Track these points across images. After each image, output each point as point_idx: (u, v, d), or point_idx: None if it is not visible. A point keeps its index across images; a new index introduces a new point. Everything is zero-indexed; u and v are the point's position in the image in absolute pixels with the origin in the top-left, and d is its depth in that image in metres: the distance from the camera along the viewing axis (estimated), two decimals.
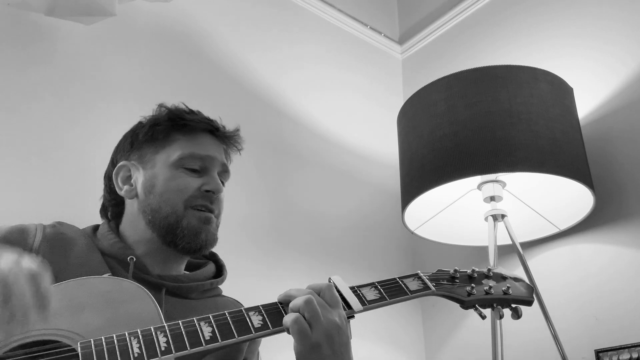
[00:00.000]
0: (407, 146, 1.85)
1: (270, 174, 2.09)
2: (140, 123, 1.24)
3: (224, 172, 1.23)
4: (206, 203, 1.16)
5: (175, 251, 1.15)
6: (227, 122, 1.30)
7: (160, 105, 1.24)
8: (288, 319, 0.94)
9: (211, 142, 1.21)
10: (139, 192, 1.17)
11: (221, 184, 1.19)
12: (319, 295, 0.98)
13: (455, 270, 1.15)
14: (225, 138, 1.24)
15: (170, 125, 1.19)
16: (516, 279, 1.20)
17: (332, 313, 0.96)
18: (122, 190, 1.19)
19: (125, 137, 1.25)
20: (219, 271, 1.26)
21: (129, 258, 1.12)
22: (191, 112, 1.24)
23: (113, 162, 1.24)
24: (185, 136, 1.19)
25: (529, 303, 1.17)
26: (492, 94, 1.70)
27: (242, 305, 1.25)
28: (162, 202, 1.14)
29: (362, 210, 2.31)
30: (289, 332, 0.94)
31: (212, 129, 1.22)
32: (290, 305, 0.96)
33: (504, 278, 1.18)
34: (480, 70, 1.75)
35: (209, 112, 1.28)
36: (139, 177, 1.18)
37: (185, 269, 1.25)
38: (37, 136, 1.64)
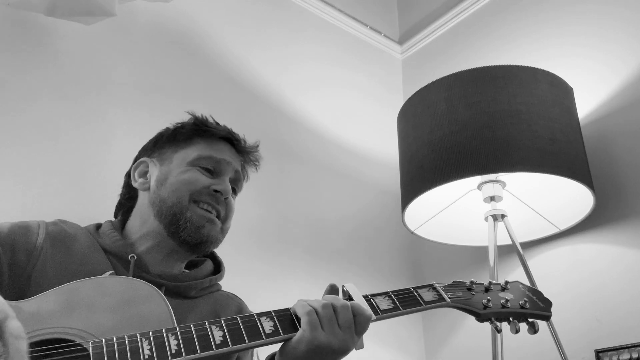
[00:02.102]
0: (407, 146, 1.85)
1: (269, 174, 2.09)
2: (167, 128, 1.29)
3: (237, 180, 1.27)
4: (212, 202, 1.18)
5: (178, 244, 1.16)
6: (227, 122, 1.31)
7: (189, 112, 1.29)
8: (302, 310, 0.95)
9: (229, 150, 1.26)
10: (151, 184, 1.20)
11: (230, 188, 1.21)
12: (334, 310, 0.97)
13: (472, 282, 1.13)
14: (244, 151, 1.28)
15: (194, 130, 1.24)
16: (534, 292, 1.17)
17: (340, 334, 0.96)
18: (137, 182, 1.23)
19: (151, 139, 1.30)
20: (217, 268, 1.28)
21: (129, 256, 1.13)
22: (217, 123, 1.29)
23: (135, 160, 1.28)
24: (206, 141, 1.23)
25: (546, 318, 1.14)
26: (492, 94, 1.70)
27: (240, 300, 1.27)
28: (170, 192, 1.17)
29: (362, 210, 2.31)
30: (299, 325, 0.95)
31: (232, 139, 1.27)
32: (308, 302, 0.97)
33: (521, 291, 1.15)
34: (480, 70, 1.75)
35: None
36: (154, 172, 1.22)
37: (184, 268, 1.25)
38: (37, 135, 1.64)
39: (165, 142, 1.25)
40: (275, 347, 1.00)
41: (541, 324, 1.65)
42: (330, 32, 2.52)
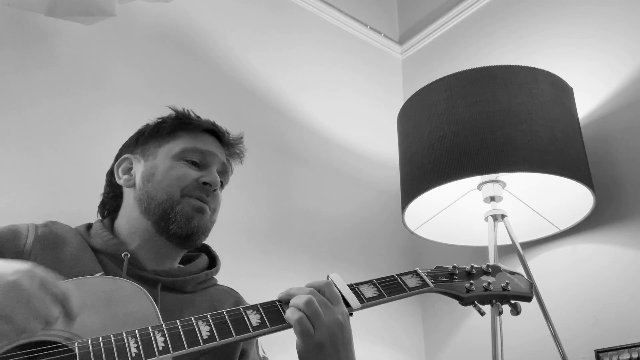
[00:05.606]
0: (407, 146, 1.85)
1: (269, 174, 2.09)
2: (148, 124, 1.28)
3: (224, 173, 1.26)
4: (202, 195, 1.18)
5: (167, 239, 1.16)
6: (228, 122, 1.31)
7: (169, 107, 1.28)
8: (292, 317, 0.95)
9: (213, 142, 1.25)
10: (137, 181, 1.20)
11: (218, 179, 1.21)
12: (319, 292, 0.98)
13: (454, 267, 1.14)
14: (228, 143, 1.28)
15: (176, 123, 1.23)
16: (515, 275, 1.19)
17: (333, 311, 0.97)
18: (121, 179, 1.22)
19: (132, 135, 1.28)
20: (212, 262, 1.28)
21: (123, 254, 1.12)
22: (198, 117, 1.28)
23: (117, 158, 1.27)
24: (189, 134, 1.23)
25: (528, 299, 1.16)
26: (492, 94, 1.70)
27: (237, 294, 1.27)
28: (159, 190, 1.16)
29: (362, 211, 2.31)
30: (289, 327, 0.95)
31: (216, 131, 1.26)
32: (291, 302, 0.97)
33: (502, 274, 1.17)
34: (480, 70, 1.75)
35: (208, 112, 1.31)
36: (139, 168, 1.21)
37: (179, 263, 1.25)
38: (37, 136, 1.64)
39: (148, 137, 1.23)
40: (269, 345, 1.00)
41: (540, 323, 1.67)
42: (331, 32, 2.52)
